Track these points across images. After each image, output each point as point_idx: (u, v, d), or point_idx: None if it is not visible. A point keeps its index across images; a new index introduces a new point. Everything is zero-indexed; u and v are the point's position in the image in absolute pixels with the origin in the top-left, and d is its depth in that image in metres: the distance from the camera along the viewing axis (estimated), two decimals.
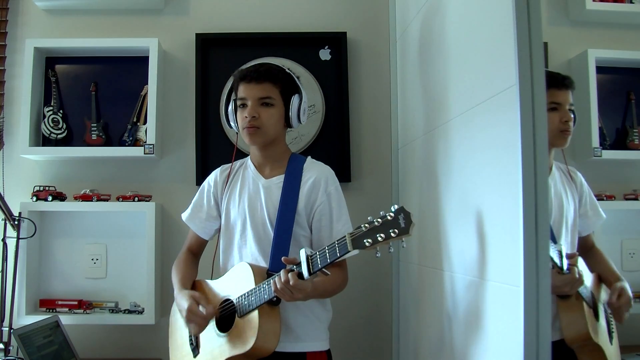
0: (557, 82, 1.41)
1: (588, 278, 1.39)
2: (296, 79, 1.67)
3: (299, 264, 1.40)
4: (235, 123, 1.66)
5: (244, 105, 1.61)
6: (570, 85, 1.44)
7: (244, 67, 1.67)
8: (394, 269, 2.14)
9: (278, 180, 1.65)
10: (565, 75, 1.46)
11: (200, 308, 1.51)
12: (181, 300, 1.57)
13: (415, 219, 1.28)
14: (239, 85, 1.62)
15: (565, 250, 1.32)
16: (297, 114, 1.65)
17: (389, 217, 1.28)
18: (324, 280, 1.50)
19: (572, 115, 1.42)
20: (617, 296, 1.36)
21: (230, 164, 1.74)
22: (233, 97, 1.67)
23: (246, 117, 1.59)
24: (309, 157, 1.72)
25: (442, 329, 1.60)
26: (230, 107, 1.67)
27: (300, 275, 1.38)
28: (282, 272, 1.40)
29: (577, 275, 1.32)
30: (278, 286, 1.39)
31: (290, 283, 1.37)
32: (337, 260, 1.35)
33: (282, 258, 1.44)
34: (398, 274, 2.13)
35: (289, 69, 1.68)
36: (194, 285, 1.70)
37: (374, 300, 2.21)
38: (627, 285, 1.37)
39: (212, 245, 1.76)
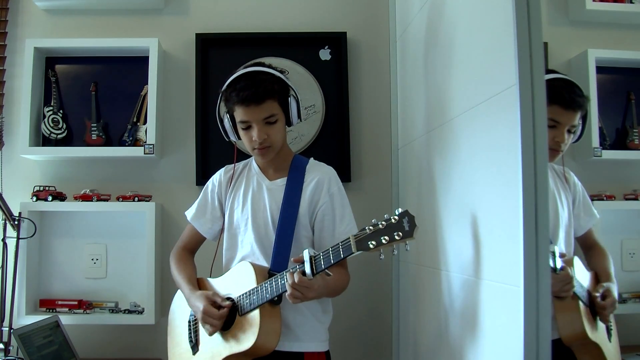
0: (565, 101, 1.37)
1: (585, 277, 1.39)
2: (283, 76, 1.61)
3: (302, 264, 1.40)
4: (236, 136, 1.64)
5: (247, 127, 1.58)
6: (578, 108, 1.39)
7: (234, 81, 1.58)
8: (394, 269, 2.14)
9: (282, 182, 1.65)
10: (581, 93, 1.41)
11: (214, 310, 1.52)
12: (195, 302, 1.57)
13: (416, 219, 1.28)
14: (236, 107, 1.56)
15: (558, 251, 1.32)
16: (297, 114, 1.64)
17: (393, 220, 1.29)
18: (335, 278, 1.51)
19: (575, 133, 1.40)
20: (602, 296, 1.36)
21: (234, 164, 1.74)
22: (224, 109, 1.63)
23: (255, 140, 1.57)
24: (312, 159, 1.72)
25: (441, 329, 1.60)
26: (227, 123, 1.63)
27: (303, 273, 1.39)
28: (287, 276, 1.41)
29: (570, 275, 1.32)
30: (289, 291, 1.40)
31: (296, 281, 1.38)
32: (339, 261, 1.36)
33: (292, 259, 1.45)
34: (398, 274, 2.13)
35: (269, 64, 1.64)
36: (197, 283, 1.70)
37: (373, 300, 2.21)
38: (613, 287, 1.37)
39: (212, 245, 1.77)
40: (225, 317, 1.53)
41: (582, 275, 1.38)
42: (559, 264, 1.30)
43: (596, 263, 1.43)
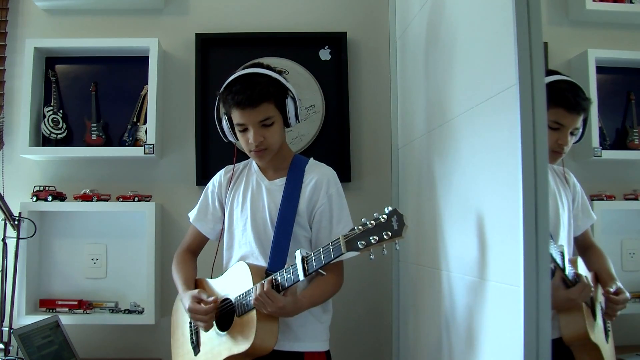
0: (569, 104, 1.37)
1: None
2: (281, 77, 1.61)
3: (294, 265, 1.41)
4: (234, 137, 1.65)
5: (244, 130, 1.59)
6: (582, 111, 1.39)
7: (231, 83, 1.58)
8: (394, 269, 2.14)
9: (281, 182, 1.66)
10: (584, 96, 1.41)
11: (201, 305, 1.53)
12: (184, 301, 1.60)
13: (415, 219, 1.28)
14: (232, 109, 1.57)
15: (567, 252, 1.32)
16: (295, 115, 1.64)
17: (382, 220, 1.28)
18: (312, 294, 1.53)
19: (577, 135, 1.40)
20: (615, 293, 1.36)
21: (234, 164, 1.75)
22: (223, 111, 1.63)
23: (251, 142, 1.57)
24: (312, 159, 1.72)
25: (441, 329, 1.60)
26: (225, 124, 1.63)
27: (278, 286, 1.43)
28: (257, 285, 1.44)
29: (585, 283, 1.32)
30: (254, 299, 1.43)
31: (258, 291, 1.42)
32: (332, 262, 1.36)
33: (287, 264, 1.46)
34: (398, 274, 2.13)
35: (268, 65, 1.64)
36: (195, 284, 1.70)
37: (373, 300, 2.21)
38: (620, 285, 1.38)
39: (213, 244, 1.77)
40: (211, 312, 1.54)
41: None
42: (569, 269, 1.30)
43: (596, 264, 1.43)
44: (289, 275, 1.43)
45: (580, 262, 1.39)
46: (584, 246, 1.46)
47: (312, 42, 2.27)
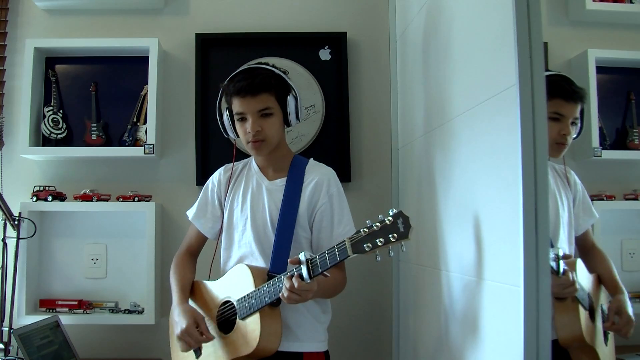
0: (567, 93, 1.38)
1: (586, 279, 1.39)
2: (284, 75, 1.64)
3: (299, 266, 1.40)
4: (234, 133, 1.66)
5: (243, 119, 1.60)
6: (579, 100, 1.40)
7: (234, 75, 1.61)
8: (394, 269, 2.14)
9: (281, 183, 1.65)
10: (579, 87, 1.42)
11: (197, 332, 1.51)
12: (180, 317, 1.55)
13: (415, 219, 1.28)
14: (233, 99, 1.59)
15: (562, 253, 1.32)
16: (296, 114, 1.65)
17: (387, 222, 1.28)
18: (327, 280, 1.50)
19: (577, 126, 1.40)
20: (614, 313, 1.34)
21: (233, 163, 1.75)
22: (225, 105, 1.65)
23: (249, 132, 1.58)
24: (312, 159, 1.72)
25: (441, 329, 1.60)
26: (226, 119, 1.65)
27: (301, 277, 1.38)
28: (285, 280, 1.40)
29: (570, 280, 1.31)
30: (285, 295, 1.39)
31: (296, 286, 1.37)
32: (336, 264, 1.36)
33: (289, 260, 1.44)
34: (398, 274, 2.13)
35: (273, 65, 1.65)
36: (193, 286, 1.70)
37: (373, 300, 2.21)
38: (625, 299, 1.36)
39: (212, 245, 1.77)
40: (200, 343, 1.53)
41: (583, 278, 1.38)
42: (562, 267, 1.29)
43: (598, 267, 1.42)
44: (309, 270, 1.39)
45: (579, 264, 1.39)
46: (585, 247, 1.45)
47: (312, 42, 2.27)
